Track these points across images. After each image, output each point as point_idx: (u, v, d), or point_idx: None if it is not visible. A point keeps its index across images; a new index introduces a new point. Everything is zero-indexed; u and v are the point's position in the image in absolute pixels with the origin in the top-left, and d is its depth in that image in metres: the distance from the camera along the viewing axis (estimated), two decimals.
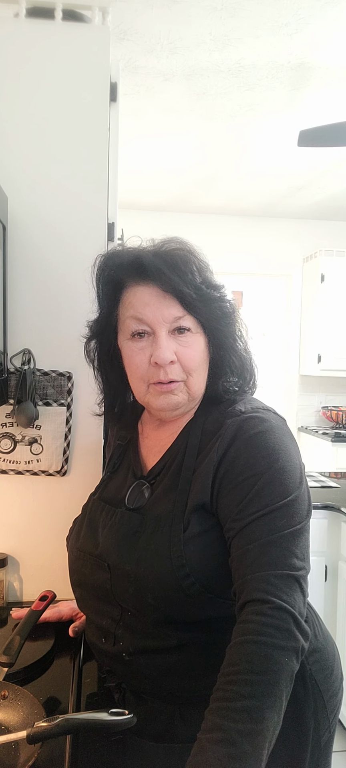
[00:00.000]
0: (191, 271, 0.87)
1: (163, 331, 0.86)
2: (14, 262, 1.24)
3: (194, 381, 0.89)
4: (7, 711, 0.83)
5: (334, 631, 2.22)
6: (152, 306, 0.86)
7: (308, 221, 4.70)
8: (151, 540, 0.84)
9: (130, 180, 3.85)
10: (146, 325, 0.87)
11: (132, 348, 0.89)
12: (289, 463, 0.81)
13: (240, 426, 0.84)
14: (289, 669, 0.68)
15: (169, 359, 0.86)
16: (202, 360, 0.90)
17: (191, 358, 0.88)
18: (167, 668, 0.84)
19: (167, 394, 0.89)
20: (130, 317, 0.88)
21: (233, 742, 0.61)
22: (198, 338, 0.89)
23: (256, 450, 0.81)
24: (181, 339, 0.87)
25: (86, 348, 1.00)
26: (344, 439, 4.07)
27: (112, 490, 0.98)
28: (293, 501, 0.78)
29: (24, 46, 1.22)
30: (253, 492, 0.78)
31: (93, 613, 0.93)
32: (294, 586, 0.72)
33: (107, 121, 1.27)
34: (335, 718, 0.95)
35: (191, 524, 0.83)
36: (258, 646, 0.67)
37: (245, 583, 0.73)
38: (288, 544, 0.74)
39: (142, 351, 0.88)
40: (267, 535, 0.75)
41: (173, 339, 0.87)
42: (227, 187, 4.00)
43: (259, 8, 2.03)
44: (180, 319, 0.87)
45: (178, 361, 0.87)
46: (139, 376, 0.90)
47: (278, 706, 0.65)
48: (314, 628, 0.95)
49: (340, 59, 2.36)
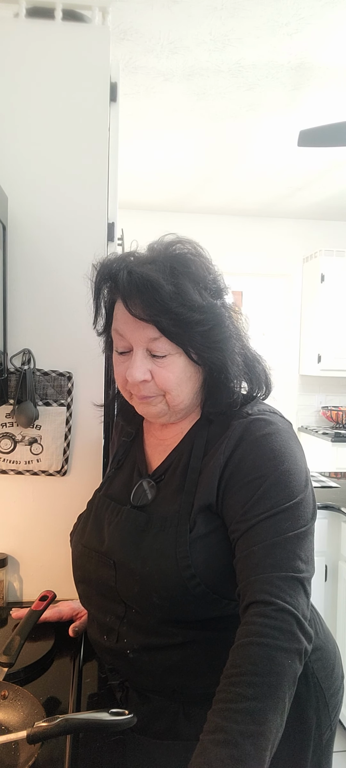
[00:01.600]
0: (170, 296, 0.81)
1: (140, 350, 0.85)
2: (14, 262, 1.24)
3: (173, 397, 0.87)
4: (7, 711, 0.83)
5: (334, 631, 2.22)
6: (130, 325, 0.85)
7: (308, 221, 4.70)
8: (157, 540, 0.84)
9: (130, 180, 3.85)
10: (127, 341, 0.87)
11: (116, 359, 0.91)
12: (295, 466, 0.81)
13: (247, 428, 0.84)
14: (292, 671, 0.68)
15: (139, 379, 0.85)
16: (180, 379, 0.86)
17: (166, 378, 0.86)
18: (171, 666, 0.84)
19: (146, 404, 0.89)
20: (114, 331, 0.89)
21: (235, 744, 0.61)
22: (176, 359, 0.85)
23: (262, 452, 0.81)
24: (157, 360, 0.85)
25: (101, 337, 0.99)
26: (344, 439, 4.07)
27: (118, 487, 0.98)
28: (298, 504, 0.78)
29: (24, 46, 1.22)
30: (258, 494, 0.78)
31: (96, 610, 0.93)
32: (298, 588, 0.72)
33: (107, 121, 1.27)
34: (336, 716, 0.95)
35: (197, 525, 0.83)
36: (261, 648, 0.68)
37: (249, 585, 0.73)
38: (293, 547, 0.74)
39: (122, 364, 0.89)
40: (272, 537, 0.75)
41: (149, 359, 0.86)
42: (227, 187, 4.00)
43: (259, 8, 2.03)
44: (156, 340, 0.84)
45: (153, 380, 0.86)
46: (121, 386, 0.92)
47: (281, 708, 0.65)
48: (315, 627, 0.96)
49: (340, 59, 2.36)
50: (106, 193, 1.28)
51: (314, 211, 4.49)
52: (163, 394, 0.87)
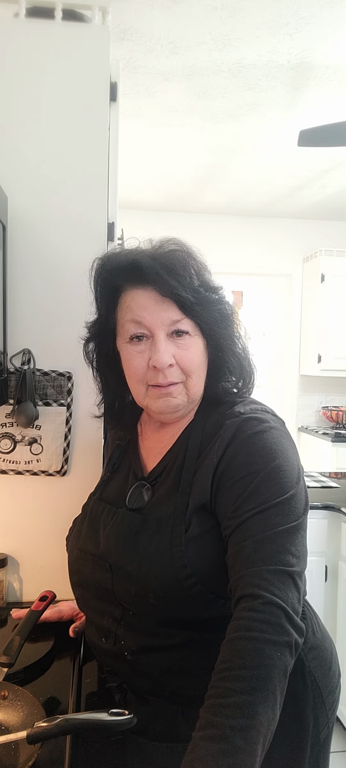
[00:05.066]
0: (189, 275, 0.86)
1: (162, 335, 0.86)
2: (14, 262, 1.24)
3: (194, 383, 0.89)
4: (7, 711, 0.83)
5: (334, 631, 2.22)
6: (150, 309, 0.86)
7: (308, 221, 4.70)
8: (153, 541, 0.84)
9: (130, 180, 3.84)
10: (145, 328, 0.87)
11: (130, 351, 0.89)
12: (286, 462, 0.81)
13: (239, 427, 0.85)
14: (282, 664, 0.67)
15: (167, 363, 0.86)
16: (201, 362, 0.90)
17: (190, 360, 0.88)
18: (169, 667, 0.84)
19: (166, 397, 0.88)
20: (129, 321, 0.88)
21: (225, 738, 0.61)
22: (197, 341, 0.89)
23: (253, 449, 0.82)
24: (179, 342, 0.87)
25: (85, 349, 1.00)
26: (344, 439, 4.06)
27: (113, 490, 0.98)
28: (289, 499, 0.77)
29: (24, 45, 1.22)
30: (249, 490, 0.78)
31: (93, 613, 0.92)
32: (287, 581, 0.72)
33: (107, 121, 1.27)
34: (333, 714, 0.95)
35: (192, 525, 0.83)
36: (249, 642, 0.67)
37: (239, 579, 0.73)
38: (283, 541, 0.74)
39: (141, 354, 0.88)
40: (262, 531, 0.75)
41: (172, 342, 0.87)
42: (227, 187, 3.99)
43: (259, 8, 2.03)
44: (178, 322, 0.86)
45: (177, 364, 0.87)
46: (137, 378, 0.90)
47: (272, 701, 0.65)
48: (312, 625, 0.96)
49: (340, 59, 2.36)
50: (106, 193, 1.28)
51: (314, 211, 4.49)
52: (185, 381, 0.89)
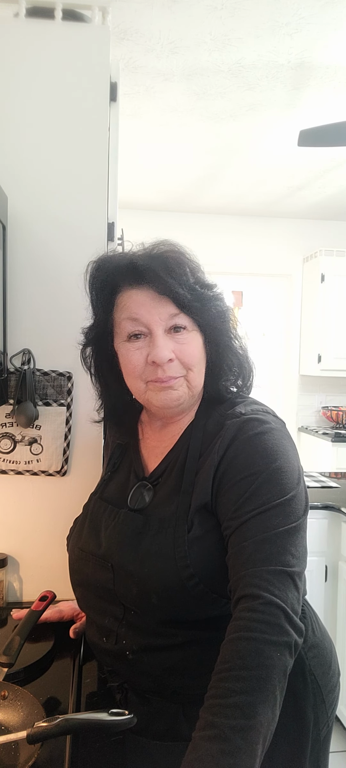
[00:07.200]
0: (184, 273, 0.87)
1: (160, 330, 0.86)
2: (14, 262, 1.24)
3: (194, 376, 0.90)
4: (7, 711, 0.83)
5: (334, 631, 2.22)
6: (148, 307, 0.86)
7: (308, 221, 4.69)
8: (155, 541, 0.84)
9: (130, 180, 3.84)
10: (142, 325, 0.87)
11: (129, 348, 0.89)
12: (287, 463, 0.81)
13: (240, 427, 0.85)
14: (281, 664, 0.67)
15: (167, 357, 0.86)
16: (201, 356, 0.91)
17: (190, 354, 0.88)
18: (171, 666, 0.84)
19: (168, 389, 0.88)
20: (126, 319, 0.89)
21: (225, 738, 0.61)
22: (195, 335, 0.89)
23: (254, 450, 0.82)
24: (178, 337, 0.87)
25: (82, 355, 1.00)
26: (344, 439, 4.06)
27: (114, 490, 0.98)
28: (289, 500, 0.78)
29: (24, 45, 1.22)
30: (250, 491, 0.78)
31: (94, 613, 0.92)
32: (287, 582, 0.72)
33: (107, 121, 1.27)
34: (333, 713, 0.96)
35: (195, 525, 0.83)
36: (249, 642, 0.67)
37: (239, 580, 0.73)
38: (283, 542, 0.74)
39: (139, 350, 0.88)
40: (262, 532, 0.75)
41: (170, 338, 0.87)
42: (227, 187, 3.99)
43: (259, 8, 2.03)
44: (176, 316, 0.87)
45: (177, 359, 0.87)
46: (136, 374, 0.89)
47: (272, 701, 0.65)
48: (312, 625, 0.96)
49: (340, 59, 2.36)
50: (106, 193, 1.28)
51: (314, 211, 4.49)
52: (185, 375, 0.89)
